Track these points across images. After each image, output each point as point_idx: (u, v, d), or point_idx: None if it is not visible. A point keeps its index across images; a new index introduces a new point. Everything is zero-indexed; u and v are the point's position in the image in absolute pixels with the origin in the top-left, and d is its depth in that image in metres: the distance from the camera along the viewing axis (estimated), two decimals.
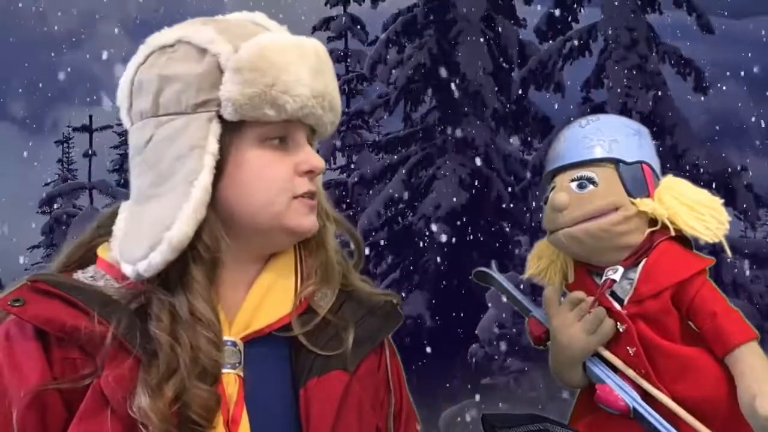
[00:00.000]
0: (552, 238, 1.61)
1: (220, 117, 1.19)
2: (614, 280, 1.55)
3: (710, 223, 1.58)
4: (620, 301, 1.56)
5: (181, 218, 1.16)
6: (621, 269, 1.55)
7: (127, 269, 1.18)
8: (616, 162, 1.59)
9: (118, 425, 1.11)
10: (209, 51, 1.20)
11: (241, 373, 1.19)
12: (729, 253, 1.59)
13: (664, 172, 1.66)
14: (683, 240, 1.59)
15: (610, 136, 1.61)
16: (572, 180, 1.58)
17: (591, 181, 1.57)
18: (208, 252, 1.18)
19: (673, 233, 1.57)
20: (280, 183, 1.22)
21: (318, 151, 1.31)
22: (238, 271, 1.24)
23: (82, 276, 1.22)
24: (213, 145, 1.18)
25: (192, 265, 1.17)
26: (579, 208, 1.56)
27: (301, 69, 1.21)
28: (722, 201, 1.62)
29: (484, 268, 1.71)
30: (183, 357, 1.13)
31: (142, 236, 1.18)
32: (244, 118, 1.20)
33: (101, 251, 1.25)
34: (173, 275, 1.17)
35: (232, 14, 1.32)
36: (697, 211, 1.58)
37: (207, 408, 1.13)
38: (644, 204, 1.57)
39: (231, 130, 1.20)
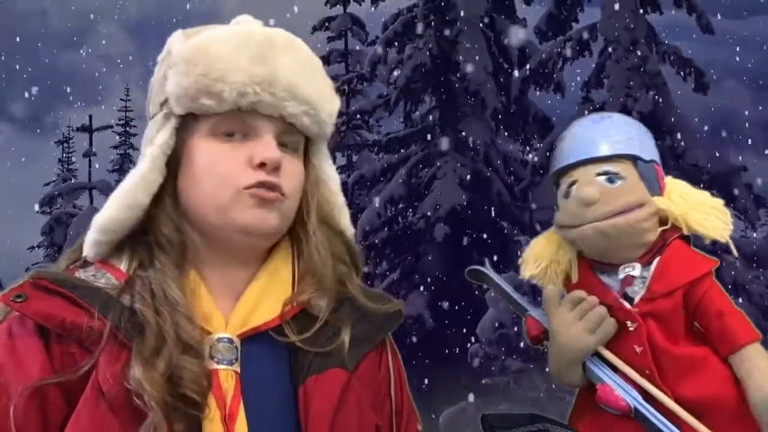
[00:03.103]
0: (576, 233, 1.58)
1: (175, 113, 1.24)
2: (634, 276, 1.55)
3: (718, 224, 1.59)
4: (629, 299, 1.56)
5: (110, 201, 1.23)
6: (639, 266, 1.56)
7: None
8: (634, 159, 1.59)
9: (115, 420, 1.12)
10: (171, 52, 1.26)
11: (238, 370, 1.19)
12: (735, 253, 1.61)
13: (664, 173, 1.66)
14: (686, 240, 1.60)
15: (626, 133, 1.61)
16: (598, 174, 1.57)
17: (618, 176, 1.56)
18: (165, 239, 1.23)
19: (686, 232, 1.57)
20: (223, 174, 1.21)
21: (332, 156, 1.33)
22: (229, 270, 1.25)
23: (83, 274, 1.24)
24: (161, 138, 1.23)
25: (156, 250, 1.22)
26: (609, 203, 1.54)
27: (240, 57, 1.21)
28: (723, 202, 1.63)
29: (477, 266, 1.71)
30: (168, 331, 1.15)
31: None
32: (188, 111, 1.23)
33: None
34: (145, 260, 1.22)
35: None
36: (704, 211, 1.59)
37: (198, 384, 1.14)
38: (661, 202, 1.57)
39: (186, 126, 1.24)
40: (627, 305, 1.55)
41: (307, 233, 1.28)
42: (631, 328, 1.54)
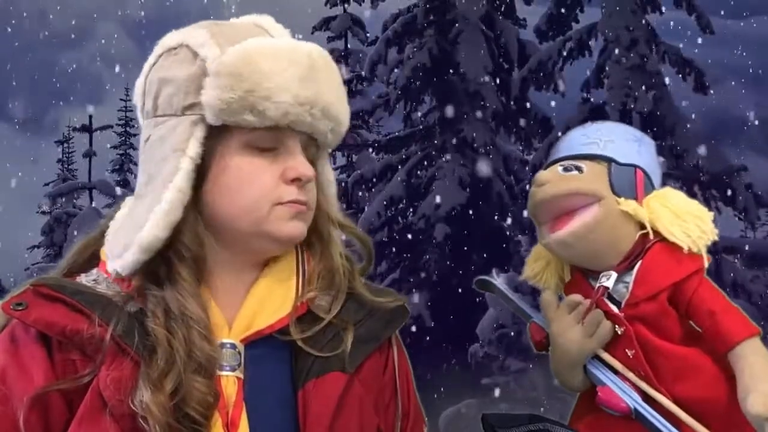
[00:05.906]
0: (544, 244, 1.62)
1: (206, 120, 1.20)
2: (607, 287, 1.55)
3: (692, 231, 1.57)
4: (617, 304, 1.56)
5: (152, 220, 1.18)
6: (614, 274, 1.55)
7: (110, 266, 1.22)
8: (608, 161, 1.60)
9: (115, 426, 1.12)
10: (199, 54, 1.21)
11: (241, 375, 1.19)
12: (705, 263, 1.57)
13: (664, 174, 1.67)
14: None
15: (607, 137, 1.63)
16: (561, 166, 1.61)
17: (577, 168, 1.59)
18: (189, 252, 1.20)
19: (651, 237, 1.57)
20: (262, 189, 1.21)
21: (332, 156, 1.30)
22: (235, 275, 1.25)
23: (85, 279, 1.24)
24: (193, 149, 1.19)
25: (177, 263, 1.19)
26: (557, 186, 1.58)
27: (288, 75, 1.19)
28: (708, 212, 1.62)
29: (485, 276, 1.72)
30: (179, 351, 1.14)
31: (122, 235, 1.21)
32: (226, 123, 1.20)
33: (103, 253, 1.26)
34: (162, 273, 1.19)
35: (241, 17, 1.32)
36: (681, 218, 1.57)
37: (205, 403, 1.14)
38: (626, 204, 1.57)
39: (217, 134, 1.20)
40: (615, 309, 1.55)
41: (322, 235, 1.29)
42: (619, 332, 1.54)
